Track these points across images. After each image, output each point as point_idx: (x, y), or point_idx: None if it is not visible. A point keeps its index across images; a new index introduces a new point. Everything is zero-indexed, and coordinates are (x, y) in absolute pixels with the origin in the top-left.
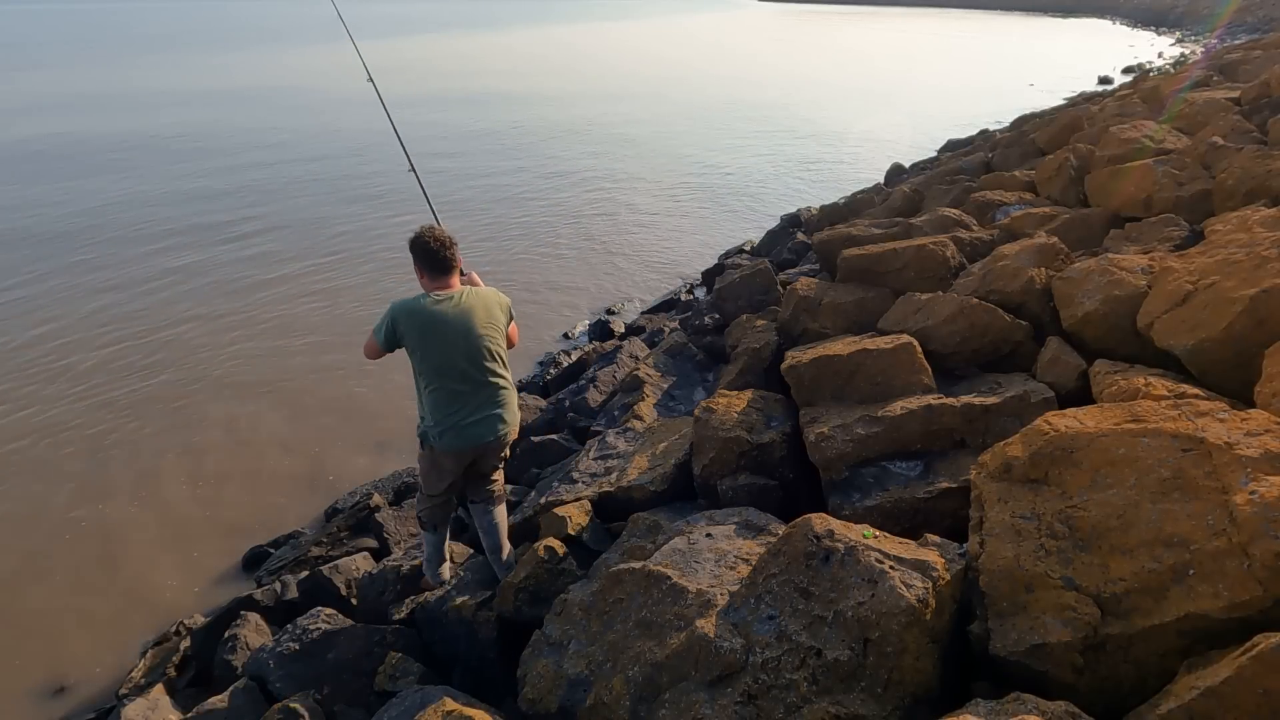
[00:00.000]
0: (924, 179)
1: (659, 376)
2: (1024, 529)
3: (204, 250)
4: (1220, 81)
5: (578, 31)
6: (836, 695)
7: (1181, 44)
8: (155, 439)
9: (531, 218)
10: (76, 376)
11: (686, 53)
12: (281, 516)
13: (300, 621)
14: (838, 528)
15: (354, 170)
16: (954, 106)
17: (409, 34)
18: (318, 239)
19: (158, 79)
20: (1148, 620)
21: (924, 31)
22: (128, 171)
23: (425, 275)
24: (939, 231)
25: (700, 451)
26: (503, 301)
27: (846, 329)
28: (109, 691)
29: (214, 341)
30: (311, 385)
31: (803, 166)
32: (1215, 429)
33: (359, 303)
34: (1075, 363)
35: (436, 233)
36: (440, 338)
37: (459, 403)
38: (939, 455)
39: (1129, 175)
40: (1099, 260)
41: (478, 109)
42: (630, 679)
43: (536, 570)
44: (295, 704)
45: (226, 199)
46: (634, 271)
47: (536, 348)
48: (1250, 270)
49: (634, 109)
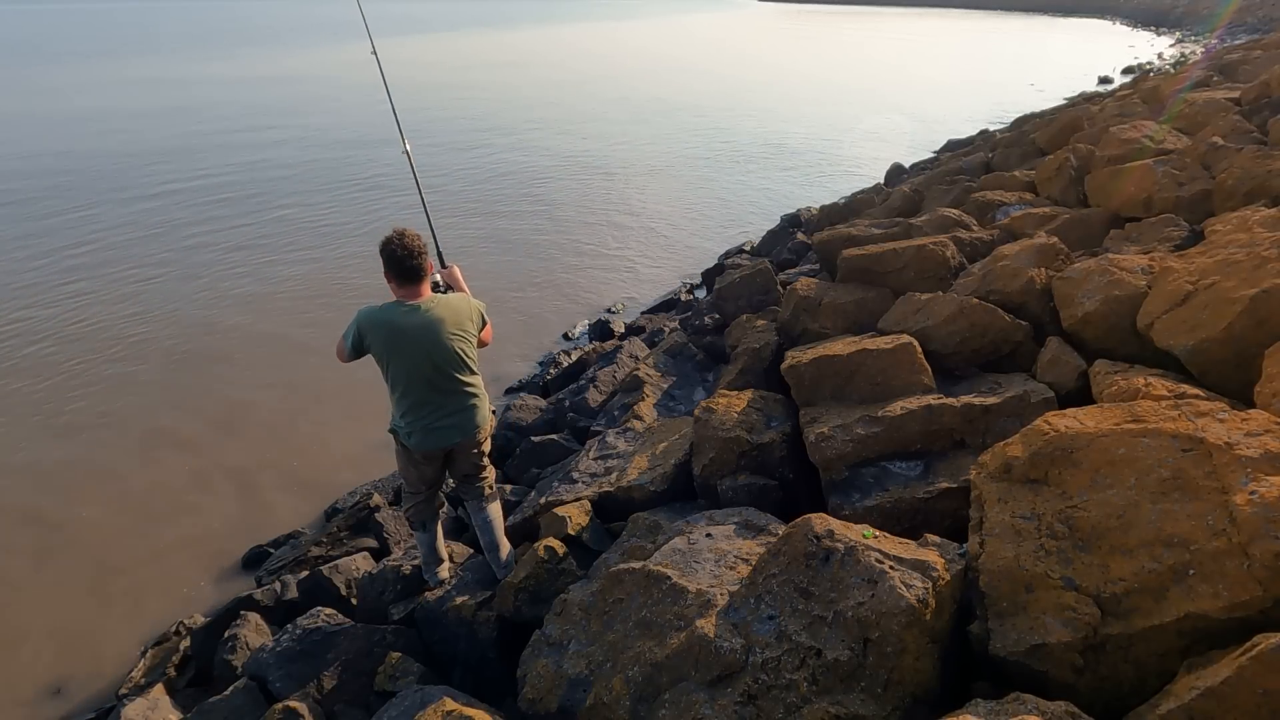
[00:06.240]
0: (924, 179)
1: (659, 376)
2: (1024, 529)
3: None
4: (1220, 82)
5: (578, 31)
6: (836, 695)
7: (1181, 44)
8: (156, 437)
9: (531, 217)
10: (74, 372)
11: (687, 51)
12: (282, 516)
13: (300, 621)
14: (838, 528)
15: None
16: (954, 106)
17: (418, 31)
18: (320, 232)
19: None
20: (1148, 620)
21: (924, 31)
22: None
23: (394, 282)
24: (939, 231)
25: (700, 451)
26: (473, 309)
27: (846, 329)
28: (109, 691)
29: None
30: (312, 384)
31: (803, 166)
32: (1215, 429)
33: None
34: (1075, 363)
35: (406, 240)
36: (406, 348)
37: (428, 408)
38: (939, 455)
39: (1129, 175)
40: (1099, 260)
41: (478, 108)
42: (630, 679)
43: (536, 570)
44: (295, 704)
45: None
46: (634, 271)
47: (536, 348)
48: (1250, 270)
49: (633, 108)
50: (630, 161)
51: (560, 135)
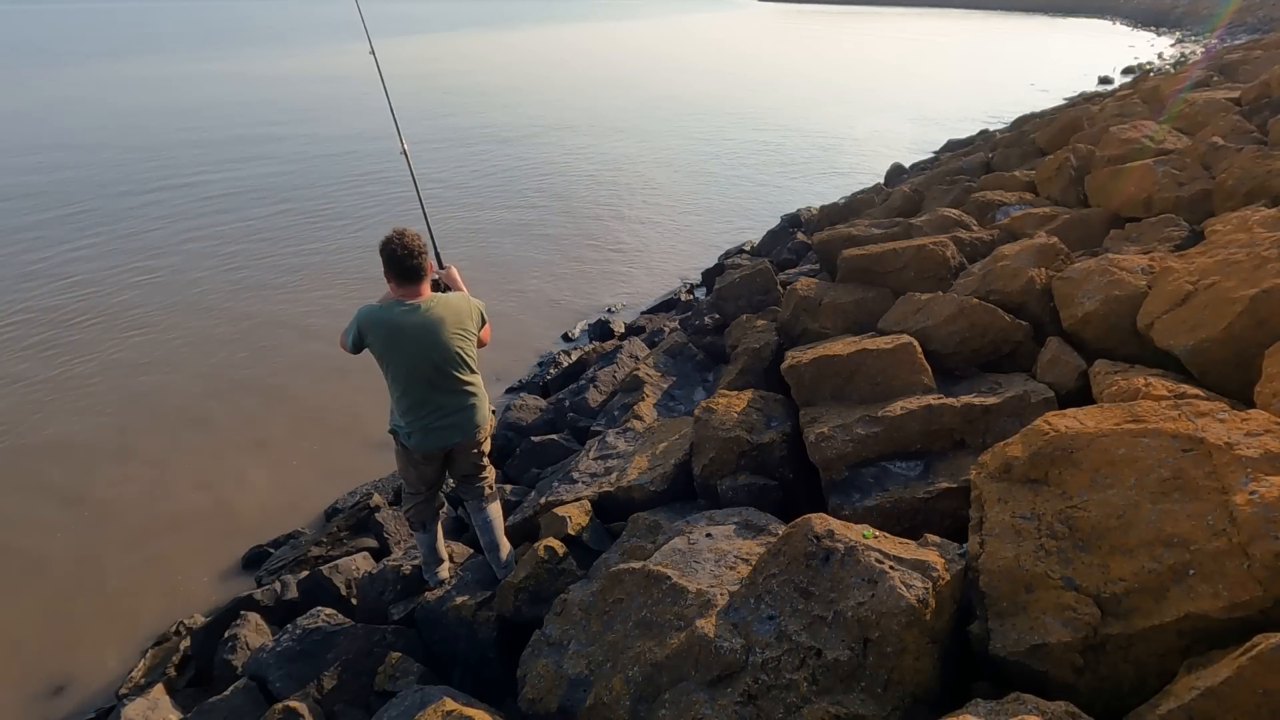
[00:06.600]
0: (924, 179)
1: (659, 376)
2: (1024, 529)
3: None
4: (1220, 82)
5: (579, 31)
6: (836, 695)
7: (1181, 44)
8: (155, 437)
9: (530, 216)
10: (78, 377)
11: (687, 51)
12: (282, 516)
13: (300, 621)
14: (838, 528)
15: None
16: (954, 106)
17: (417, 32)
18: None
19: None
20: (1148, 620)
21: (924, 31)
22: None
23: (393, 281)
24: (939, 231)
25: (700, 451)
26: (473, 308)
27: (846, 329)
28: (109, 691)
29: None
30: (313, 382)
31: (803, 166)
32: (1215, 429)
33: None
34: (1075, 363)
35: (406, 240)
36: (406, 347)
37: (427, 408)
38: (939, 455)
39: (1129, 175)
40: (1099, 260)
41: (477, 106)
42: (630, 679)
43: (536, 570)
44: (295, 704)
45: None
46: (634, 271)
47: (536, 348)
48: (1250, 270)
49: (633, 108)
50: (629, 161)
51: (559, 135)
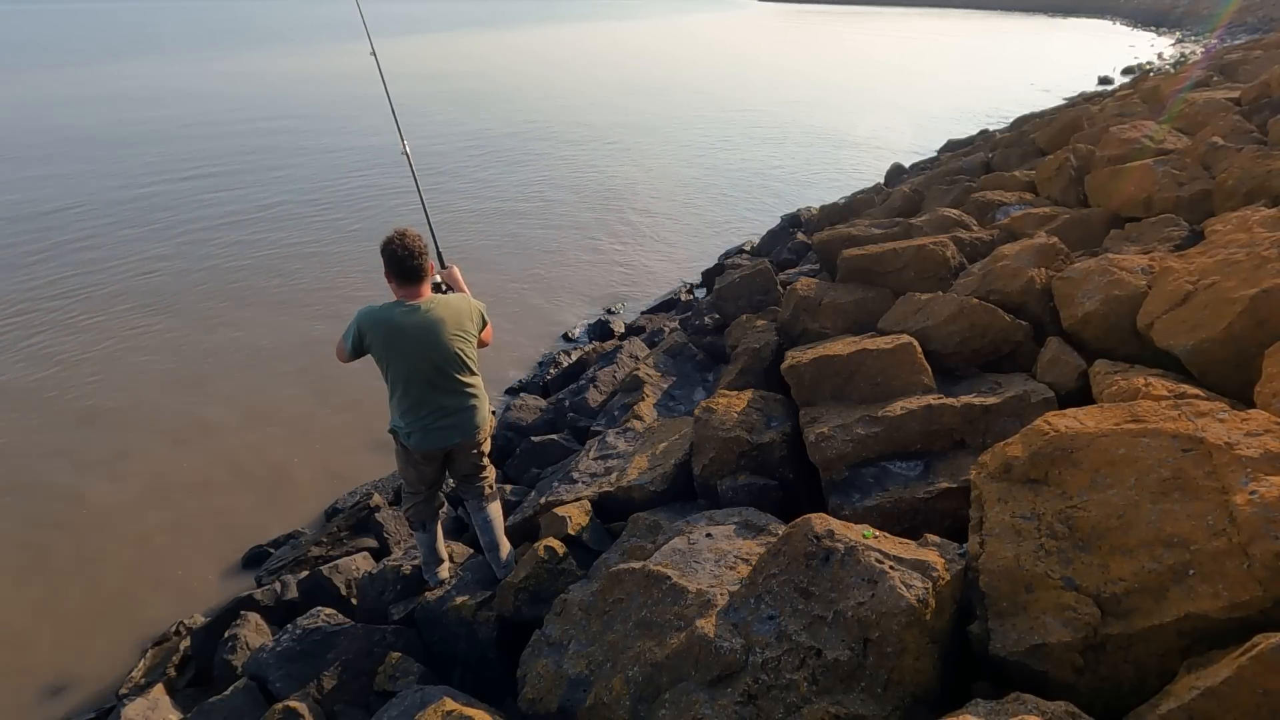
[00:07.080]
0: (924, 179)
1: (659, 376)
2: (1024, 529)
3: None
4: (1220, 82)
5: (579, 31)
6: (836, 695)
7: (1181, 44)
8: (155, 436)
9: (530, 217)
10: (78, 377)
11: (687, 51)
12: (282, 516)
13: (300, 621)
14: (838, 528)
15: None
16: (954, 106)
17: (417, 32)
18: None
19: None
20: (1148, 620)
21: (924, 31)
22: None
23: (394, 282)
24: (939, 231)
25: (700, 451)
26: (474, 309)
27: (846, 329)
28: (109, 691)
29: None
30: (314, 382)
31: (803, 166)
32: (1215, 429)
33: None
34: (1075, 363)
35: (407, 240)
36: (406, 347)
37: (427, 408)
38: (939, 455)
39: (1129, 175)
40: (1099, 260)
41: (477, 106)
42: (630, 679)
43: (536, 570)
44: (295, 704)
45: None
46: (634, 271)
47: (537, 348)
48: (1250, 270)
49: (632, 108)
50: (629, 161)
51: (559, 135)
